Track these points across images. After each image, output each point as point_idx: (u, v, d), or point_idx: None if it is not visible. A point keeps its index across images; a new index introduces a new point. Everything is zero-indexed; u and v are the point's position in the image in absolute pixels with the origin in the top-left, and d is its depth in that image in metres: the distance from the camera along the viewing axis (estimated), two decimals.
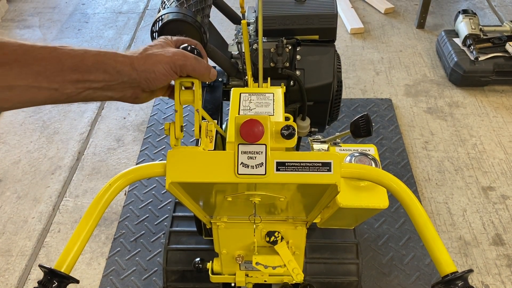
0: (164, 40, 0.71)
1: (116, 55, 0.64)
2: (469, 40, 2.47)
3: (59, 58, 0.60)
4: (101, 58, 0.63)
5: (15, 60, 0.57)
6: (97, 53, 0.63)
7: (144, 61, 0.65)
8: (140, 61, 0.65)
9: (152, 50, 0.67)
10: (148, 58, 0.65)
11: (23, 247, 1.85)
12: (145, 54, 0.66)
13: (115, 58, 0.64)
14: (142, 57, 0.65)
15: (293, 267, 1.07)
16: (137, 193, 2.03)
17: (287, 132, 0.72)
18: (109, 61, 0.63)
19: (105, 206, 0.69)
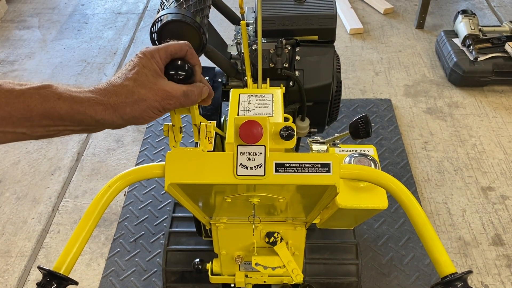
0: (149, 63, 0.62)
1: (95, 104, 0.58)
2: (469, 41, 2.48)
3: (26, 104, 0.54)
4: (77, 108, 0.57)
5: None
6: (71, 100, 0.57)
7: (131, 108, 0.60)
8: (126, 108, 0.60)
9: (138, 90, 0.60)
10: (135, 104, 0.60)
11: (22, 248, 1.85)
12: (132, 99, 0.60)
13: (94, 107, 0.58)
14: (128, 103, 0.59)
15: (293, 268, 1.07)
16: (137, 194, 2.03)
17: (286, 133, 0.72)
18: (87, 111, 0.58)
19: (104, 207, 0.69)
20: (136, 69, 0.61)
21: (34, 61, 2.86)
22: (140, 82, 0.60)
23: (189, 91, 0.64)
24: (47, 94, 0.55)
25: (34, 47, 2.98)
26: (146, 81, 0.61)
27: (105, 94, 0.59)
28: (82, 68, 2.79)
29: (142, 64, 0.61)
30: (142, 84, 0.60)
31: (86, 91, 0.58)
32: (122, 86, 0.59)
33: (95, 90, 0.59)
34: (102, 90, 0.59)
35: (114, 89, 0.59)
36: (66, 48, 2.97)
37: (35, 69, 2.79)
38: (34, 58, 2.89)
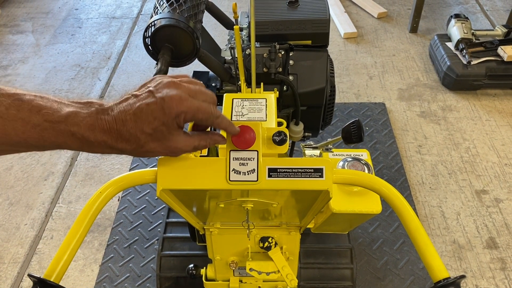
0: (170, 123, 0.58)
1: (105, 147, 0.58)
2: (462, 44, 2.49)
3: (41, 135, 0.54)
4: (86, 148, 0.57)
5: None
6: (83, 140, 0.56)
7: (137, 153, 0.60)
8: (132, 153, 0.60)
9: (149, 144, 0.59)
10: (142, 153, 0.60)
11: (15, 254, 1.83)
12: (141, 150, 0.59)
13: (103, 149, 0.58)
14: (136, 152, 0.60)
15: (287, 273, 1.07)
16: (131, 199, 2.02)
17: (278, 138, 0.72)
18: (96, 150, 0.58)
19: (95, 214, 0.68)
20: (155, 125, 0.58)
21: (27, 65, 2.85)
22: (154, 137, 0.59)
23: (200, 145, 0.65)
24: (62, 129, 0.55)
25: (27, 52, 2.97)
26: (161, 136, 0.59)
27: (117, 138, 0.57)
28: (76, 72, 2.78)
29: (163, 121, 0.58)
30: (155, 139, 0.59)
31: (99, 129, 0.56)
32: (135, 137, 0.58)
33: (108, 129, 0.57)
34: (114, 132, 0.57)
35: (127, 136, 0.57)
36: (59, 52, 2.96)
37: (28, 74, 2.78)
38: (27, 62, 2.88)
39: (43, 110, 0.53)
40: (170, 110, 0.58)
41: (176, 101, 0.58)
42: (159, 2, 1.19)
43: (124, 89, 2.64)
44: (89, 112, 0.56)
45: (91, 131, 0.56)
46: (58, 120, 0.54)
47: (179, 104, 0.58)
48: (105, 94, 2.61)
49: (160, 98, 0.57)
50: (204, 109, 0.61)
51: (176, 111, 0.58)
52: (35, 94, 0.54)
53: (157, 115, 0.57)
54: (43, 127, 0.53)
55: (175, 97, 0.58)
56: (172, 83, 0.60)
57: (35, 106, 0.53)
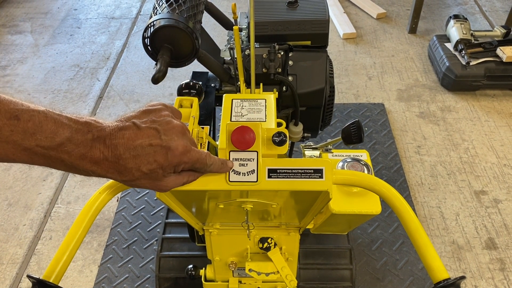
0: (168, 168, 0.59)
1: (98, 172, 0.57)
2: (461, 45, 2.49)
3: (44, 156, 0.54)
4: (79, 168, 0.56)
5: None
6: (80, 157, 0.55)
7: (129, 184, 0.61)
8: (122, 182, 0.60)
9: (142, 181, 0.59)
10: (132, 185, 0.61)
11: (14, 255, 1.83)
12: (132, 183, 0.59)
13: (96, 172, 0.56)
14: (127, 183, 0.60)
15: (286, 274, 1.07)
16: (130, 199, 2.02)
17: (278, 139, 0.72)
18: (89, 174, 0.57)
19: (95, 214, 0.68)
20: (153, 167, 0.57)
21: (26, 66, 2.84)
22: (148, 176, 0.58)
23: (189, 181, 0.65)
24: (52, 156, 0.54)
25: (26, 52, 2.97)
26: (155, 177, 0.59)
27: (107, 169, 0.56)
28: (75, 73, 2.78)
29: (162, 166, 0.58)
30: (148, 178, 0.59)
31: (89, 159, 0.55)
32: (129, 172, 0.57)
33: (100, 160, 0.55)
34: (108, 163, 0.56)
35: (121, 169, 0.56)
36: (58, 53, 2.96)
37: (27, 74, 2.77)
38: (26, 63, 2.87)
39: (37, 135, 0.52)
40: (173, 159, 0.58)
41: (180, 152, 0.59)
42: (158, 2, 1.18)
43: (123, 89, 2.64)
44: (84, 139, 0.54)
45: (81, 161, 0.55)
46: (50, 146, 0.53)
47: (183, 155, 0.59)
48: (104, 94, 2.61)
49: (166, 146, 0.57)
50: (202, 160, 0.63)
51: (178, 161, 0.59)
52: (35, 109, 0.52)
53: (158, 159, 0.57)
54: (34, 151, 0.52)
55: (181, 148, 0.58)
56: (180, 129, 0.60)
57: (30, 128, 0.51)
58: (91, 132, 0.55)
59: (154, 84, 1.01)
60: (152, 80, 0.99)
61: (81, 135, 0.54)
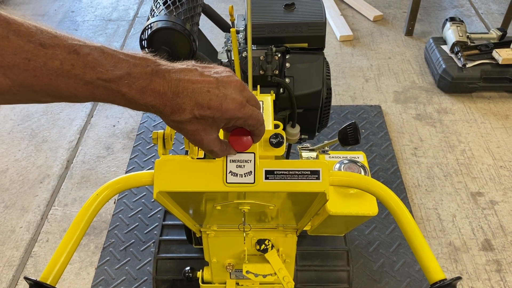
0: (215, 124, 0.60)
1: (149, 108, 0.56)
2: (457, 47, 2.51)
3: (92, 92, 0.53)
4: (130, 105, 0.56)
5: None
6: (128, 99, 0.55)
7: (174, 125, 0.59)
8: (169, 120, 0.59)
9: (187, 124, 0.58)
10: (176, 126, 0.60)
11: (10, 257, 1.82)
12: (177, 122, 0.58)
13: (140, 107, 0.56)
14: (173, 122, 0.59)
15: (284, 275, 1.07)
16: (127, 202, 2.01)
17: (275, 140, 0.72)
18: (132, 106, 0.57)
19: (92, 216, 0.68)
20: (206, 113, 0.57)
21: None
22: (196, 122, 0.58)
23: (217, 152, 0.65)
24: (113, 89, 0.53)
25: None
26: (203, 124, 0.59)
27: (165, 104, 0.56)
28: None
29: (213, 116, 0.58)
30: (196, 123, 0.58)
31: (150, 92, 0.55)
32: (182, 111, 0.56)
33: (159, 93, 0.55)
34: (165, 98, 0.56)
35: (176, 107, 0.56)
36: None
37: None
38: None
39: (98, 68, 0.52)
40: (227, 111, 0.58)
41: (236, 105, 0.58)
42: (156, 4, 1.19)
43: None
44: (143, 72, 0.54)
45: (141, 94, 0.54)
46: (111, 79, 0.53)
47: (237, 110, 0.59)
48: None
49: (223, 95, 0.57)
50: (256, 116, 0.62)
51: (231, 115, 0.59)
52: (91, 45, 0.52)
53: (213, 106, 0.57)
54: (95, 85, 0.52)
55: (237, 101, 0.58)
56: (239, 84, 0.60)
57: (90, 61, 0.51)
58: (149, 66, 0.55)
59: None
60: None
61: (140, 68, 0.54)
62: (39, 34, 0.49)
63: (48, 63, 0.48)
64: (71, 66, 0.50)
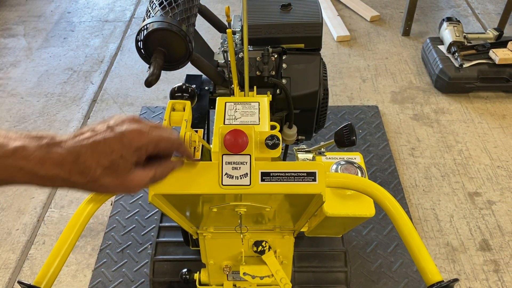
0: (129, 156, 0.57)
1: (57, 181, 0.55)
2: (454, 47, 2.51)
3: None
4: (37, 182, 0.54)
5: None
6: (32, 174, 0.53)
7: (89, 188, 0.58)
8: (84, 187, 0.58)
9: (104, 178, 0.57)
10: (94, 188, 0.58)
11: (6, 259, 1.81)
12: (94, 184, 0.57)
13: (54, 183, 0.55)
14: (88, 186, 0.57)
15: (281, 277, 1.06)
16: (123, 203, 2.01)
17: (271, 142, 0.72)
18: (46, 184, 0.56)
19: (86, 219, 0.67)
20: (113, 157, 0.56)
21: (19, 69, 2.83)
22: (110, 171, 0.57)
23: (157, 176, 0.63)
24: (9, 164, 0.52)
25: (19, 55, 2.95)
26: (117, 170, 0.57)
27: (70, 170, 0.55)
28: (69, 76, 2.76)
29: (121, 154, 0.57)
30: (111, 172, 0.57)
31: (50, 163, 0.53)
32: (89, 169, 0.55)
33: (60, 162, 0.54)
34: (68, 164, 0.54)
35: (81, 168, 0.55)
36: (52, 56, 2.94)
37: (20, 78, 2.76)
38: (19, 66, 2.86)
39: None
40: (130, 144, 0.57)
41: (136, 135, 0.58)
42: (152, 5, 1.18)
43: (117, 92, 2.63)
44: (39, 145, 0.53)
45: (41, 165, 0.53)
46: (4, 155, 0.51)
47: (139, 137, 0.58)
48: (97, 97, 2.60)
49: (119, 132, 0.57)
50: (166, 137, 0.61)
51: (137, 144, 0.58)
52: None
53: (115, 147, 0.56)
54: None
55: (135, 131, 0.58)
56: (132, 119, 0.60)
57: None
58: (45, 139, 0.55)
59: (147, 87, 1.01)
60: (145, 83, 0.99)
61: (35, 142, 0.54)
62: None
63: None
64: None
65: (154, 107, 2.51)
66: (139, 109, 2.51)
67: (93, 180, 0.56)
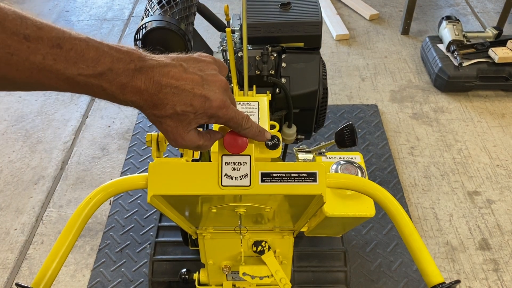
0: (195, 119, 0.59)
1: (129, 103, 0.56)
2: (453, 46, 2.50)
3: (37, 79, 0.51)
4: (118, 99, 0.55)
5: None
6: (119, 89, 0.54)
7: (154, 119, 0.58)
8: (150, 114, 0.58)
9: (167, 119, 0.57)
10: (156, 121, 0.59)
11: (4, 259, 1.81)
12: (157, 117, 0.57)
13: (130, 101, 0.55)
14: (153, 116, 0.57)
15: (281, 277, 1.06)
16: (122, 203, 2.00)
17: (271, 142, 0.71)
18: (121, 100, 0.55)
19: (85, 221, 0.67)
20: (187, 109, 0.57)
21: None
22: (176, 118, 0.57)
23: (203, 146, 0.63)
24: (94, 84, 0.53)
25: None
26: (183, 123, 0.58)
27: (146, 100, 0.56)
28: None
29: (195, 112, 0.57)
30: (176, 120, 0.58)
31: (130, 89, 0.54)
32: (163, 106, 0.56)
33: (140, 91, 0.54)
34: (146, 94, 0.55)
35: (158, 102, 0.56)
36: None
37: None
38: None
39: (79, 64, 0.51)
40: (209, 110, 0.58)
41: (218, 105, 0.58)
42: (150, 4, 1.17)
43: None
44: (126, 68, 0.54)
45: (121, 90, 0.54)
46: (92, 75, 0.52)
47: (219, 109, 0.59)
48: None
49: (206, 95, 0.57)
50: (237, 120, 0.62)
51: (213, 113, 0.58)
52: (76, 37, 0.52)
53: (195, 104, 0.57)
54: (76, 80, 0.52)
55: (219, 101, 0.58)
56: (224, 84, 0.60)
57: (72, 57, 0.51)
58: (133, 62, 0.54)
59: None
60: None
61: (123, 64, 0.54)
62: (23, 27, 0.49)
63: (30, 57, 0.48)
64: (53, 61, 0.50)
65: None
66: None
67: (159, 115, 0.57)
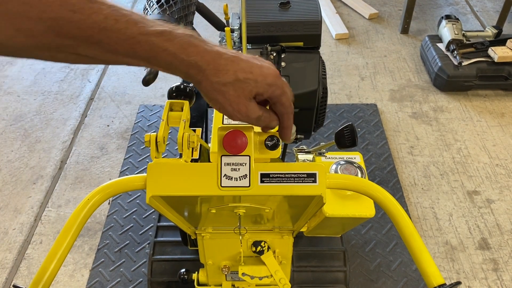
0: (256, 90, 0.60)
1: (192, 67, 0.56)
2: (453, 45, 2.50)
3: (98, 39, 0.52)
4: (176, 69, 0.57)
5: None
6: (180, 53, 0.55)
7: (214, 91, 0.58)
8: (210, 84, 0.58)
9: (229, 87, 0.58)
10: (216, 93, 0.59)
11: (3, 259, 1.80)
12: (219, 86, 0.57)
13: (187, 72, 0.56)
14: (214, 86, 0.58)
15: (280, 277, 1.05)
16: (121, 202, 1.99)
17: (271, 143, 0.71)
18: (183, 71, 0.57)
19: (83, 222, 0.66)
20: (248, 76, 0.58)
21: (15, 67, 2.81)
22: (238, 86, 0.58)
23: (263, 118, 0.63)
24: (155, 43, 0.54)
25: None
26: (244, 90, 0.59)
27: (208, 63, 0.56)
28: (65, 74, 2.74)
29: (256, 79, 0.58)
30: (237, 88, 0.58)
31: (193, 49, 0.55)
32: (225, 72, 0.57)
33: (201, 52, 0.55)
34: (212, 57, 0.56)
35: (220, 67, 0.56)
36: None
37: (16, 76, 2.74)
38: (15, 64, 2.83)
39: (140, 24, 0.53)
40: (268, 77, 0.59)
41: (274, 73, 0.60)
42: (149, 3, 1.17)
43: (114, 91, 2.62)
44: (184, 33, 0.55)
45: (184, 49, 0.55)
46: (153, 33, 0.53)
47: (275, 77, 0.60)
48: (95, 96, 2.58)
49: (262, 64, 0.60)
50: (289, 96, 0.63)
51: (271, 81, 0.59)
52: (131, 10, 0.54)
53: (255, 71, 0.58)
54: (137, 40, 0.53)
55: (274, 71, 0.60)
56: (272, 64, 0.63)
57: (131, 19, 0.53)
58: (188, 31, 0.56)
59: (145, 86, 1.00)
60: (142, 82, 0.98)
61: (181, 30, 0.56)
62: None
63: (92, 16, 0.50)
64: (114, 21, 0.51)
65: (152, 105, 2.50)
66: (137, 107, 2.49)
67: (221, 82, 0.57)
